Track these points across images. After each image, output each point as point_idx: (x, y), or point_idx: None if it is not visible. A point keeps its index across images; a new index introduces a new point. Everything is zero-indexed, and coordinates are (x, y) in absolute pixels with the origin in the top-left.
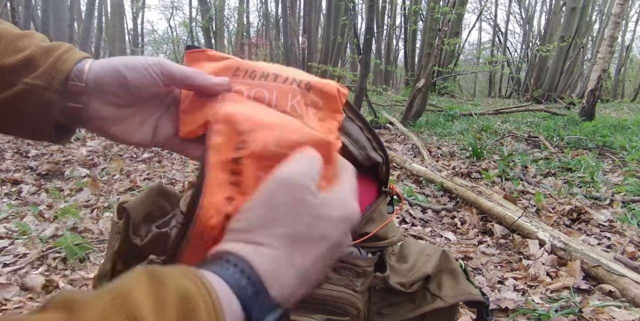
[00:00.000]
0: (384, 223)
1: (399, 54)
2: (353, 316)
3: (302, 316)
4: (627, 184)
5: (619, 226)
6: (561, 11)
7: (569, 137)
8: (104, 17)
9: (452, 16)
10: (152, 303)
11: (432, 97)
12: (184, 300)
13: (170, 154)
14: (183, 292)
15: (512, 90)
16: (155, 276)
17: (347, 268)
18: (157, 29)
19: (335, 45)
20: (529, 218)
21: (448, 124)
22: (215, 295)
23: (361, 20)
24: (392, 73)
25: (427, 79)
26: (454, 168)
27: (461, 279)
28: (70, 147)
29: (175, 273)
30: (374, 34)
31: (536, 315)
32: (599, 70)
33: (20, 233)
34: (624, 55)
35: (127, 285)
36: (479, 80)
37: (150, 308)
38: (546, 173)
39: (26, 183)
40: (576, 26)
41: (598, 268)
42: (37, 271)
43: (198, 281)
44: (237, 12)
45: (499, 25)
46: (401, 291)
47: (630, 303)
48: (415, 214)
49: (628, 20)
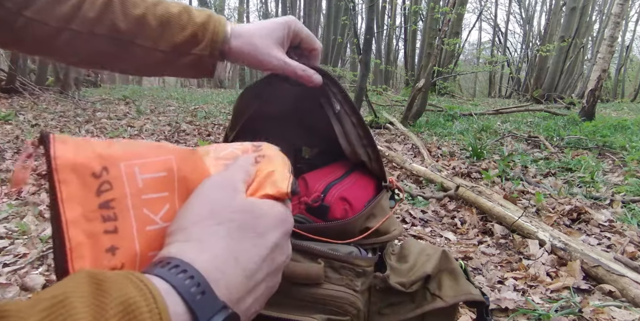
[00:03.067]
0: (385, 218)
1: (399, 54)
2: (353, 316)
3: (302, 316)
4: (627, 184)
5: (619, 226)
6: (561, 11)
7: (569, 137)
8: None
9: (452, 16)
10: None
11: (432, 97)
12: (128, 311)
13: None
14: (127, 302)
15: (512, 90)
16: (97, 282)
17: (347, 267)
18: None
19: (335, 45)
20: (529, 218)
21: (448, 124)
22: (160, 300)
23: (361, 20)
24: (392, 73)
25: (427, 79)
26: (454, 168)
27: (461, 279)
28: None
29: (118, 279)
30: (374, 34)
31: (536, 315)
32: (599, 70)
33: (20, 233)
34: (624, 55)
35: (67, 291)
36: (479, 80)
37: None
38: (546, 173)
39: (26, 184)
40: (576, 26)
41: (598, 268)
42: (37, 271)
43: (142, 285)
44: (237, 12)
45: (499, 25)
46: (401, 291)
47: (630, 303)
48: (415, 214)
49: (628, 20)
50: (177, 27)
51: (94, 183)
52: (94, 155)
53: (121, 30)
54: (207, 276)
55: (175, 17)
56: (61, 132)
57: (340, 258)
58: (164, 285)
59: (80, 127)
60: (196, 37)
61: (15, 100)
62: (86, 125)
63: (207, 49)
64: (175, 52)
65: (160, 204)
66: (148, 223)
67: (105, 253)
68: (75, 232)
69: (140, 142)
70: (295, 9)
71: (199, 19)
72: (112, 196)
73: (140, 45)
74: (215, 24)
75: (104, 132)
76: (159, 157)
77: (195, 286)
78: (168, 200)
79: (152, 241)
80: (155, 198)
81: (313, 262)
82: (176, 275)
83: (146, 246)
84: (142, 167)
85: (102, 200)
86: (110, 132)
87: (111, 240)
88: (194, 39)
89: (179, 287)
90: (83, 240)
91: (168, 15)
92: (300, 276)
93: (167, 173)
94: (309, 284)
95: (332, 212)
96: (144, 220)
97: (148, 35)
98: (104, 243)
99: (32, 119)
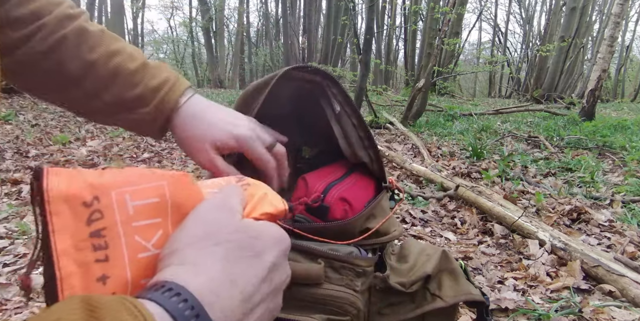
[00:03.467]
0: (385, 219)
1: (399, 54)
2: (353, 316)
3: (302, 316)
4: (627, 184)
5: (619, 226)
6: (561, 11)
7: (569, 137)
8: (104, 17)
9: (452, 16)
10: None
11: (432, 97)
12: None
13: (170, 154)
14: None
15: (512, 90)
16: (91, 308)
17: (347, 267)
18: (157, 29)
19: (335, 45)
20: (529, 218)
21: (448, 124)
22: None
23: (361, 20)
24: (392, 73)
25: (427, 79)
26: (454, 168)
27: (461, 279)
28: (70, 147)
29: (113, 305)
30: (374, 34)
31: (536, 315)
32: (599, 70)
33: (20, 233)
34: (624, 55)
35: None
36: (479, 80)
37: None
38: (546, 173)
39: (26, 183)
40: (576, 26)
41: (598, 268)
42: (37, 271)
43: (136, 311)
44: (237, 12)
45: (499, 25)
46: (401, 291)
47: (630, 303)
48: (415, 214)
49: (628, 20)
50: (126, 84)
51: (85, 213)
52: (85, 185)
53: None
54: (201, 299)
55: (127, 73)
56: (61, 132)
57: (341, 258)
58: (158, 309)
59: (80, 127)
60: (144, 100)
61: (15, 100)
62: (86, 125)
63: (150, 114)
64: (121, 106)
65: (152, 231)
66: (140, 251)
67: (96, 282)
68: (66, 262)
69: (133, 169)
70: (295, 9)
71: (152, 82)
72: (103, 225)
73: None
74: (167, 92)
75: (104, 132)
76: (151, 183)
77: (189, 309)
78: (161, 226)
79: (144, 268)
80: (147, 225)
81: (313, 262)
82: (170, 298)
83: (138, 274)
84: (133, 194)
85: (93, 229)
86: (110, 131)
87: (102, 269)
88: (141, 100)
89: (173, 311)
90: (74, 269)
91: (121, 70)
92: (300, 276)
93: (159, 199)
94: (309, 284)
95: (332, 212)
96: (135, 247)
97: (93, 83)
98: (95, 272)
99: (32, 119)
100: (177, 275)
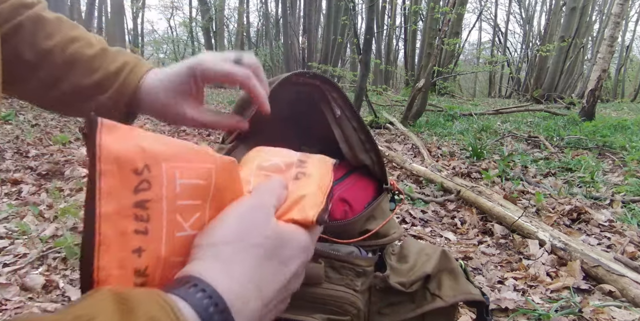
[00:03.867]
0: (385, 221)
1: (399, 54)
2: (353, 315)
3: (302, 316)
4: (627, 184)
5: (619, 226)
6: (561, 11)
7: (569, 137)
8: (104, 17)
9: (452, 16)
10: None
11: (432, 97)
12: None
13: None
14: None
15: (512, 90)
16: (123, 301)
17: (347, 267)
18: (157, 29)
19: (335, 45)
20: (529, 218)
21: (448, 124)
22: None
23: (361, 20)
24: (392, 73)
25: (427, 79)
26: (454, 168)
27: (461, 279)
28: (70, 147)
29: (144, 299)
30: (374, 34)
31: (536, 315)
32: (599, 70)
33: (20, 233)
34: (624, 55)
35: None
36: (479, 80)
37: None
38: (546, 173)
39: (26, 183)
40: (576, 26)
41: (598, 268)
42: (37, 271)
43: (167, 307)
44: (237, 12)
45: (499, 25)
46: (401, 290)
47: (630, 303)
48: (415, 214)
49: (628, 20)
50: (85, 70)
51: (134, 180)
52: (138, 149)
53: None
54: (230, 305)
55: (86, 59)
56: (61, 132)
57: (341, 257)
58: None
59: (81, 127)
60: (103, 85)
61: (15, 100)
62: None
63: (111, 99)
64: (78, 94)
65: (191, 212)
66: (178, 230)
67: (132, 253)
68: (107, 227)
69: (185, 143)
70: (295, 9)
71: (112, 66)
72: (149, 196)
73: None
74: (127, 74)
75: None
76: (201, 164)
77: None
78: (199, 208)
79: (179, 247)
80: (188, 205)
81: (313, 262)
82: (202, 300)
83: (171, 252)
84: (182, 172)
85: (139, 199)
86: None
87: (140, 241)
88: (101, 86)
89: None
90: (113, 236)
91: (79, 56)
92: None
93: (204, 181)
94: (309, 284)
95: (331, 212)
96: (174, 225)
97: (51, 71)
98: (132, 242)
99: (32, 119)
100: (209, 273)
